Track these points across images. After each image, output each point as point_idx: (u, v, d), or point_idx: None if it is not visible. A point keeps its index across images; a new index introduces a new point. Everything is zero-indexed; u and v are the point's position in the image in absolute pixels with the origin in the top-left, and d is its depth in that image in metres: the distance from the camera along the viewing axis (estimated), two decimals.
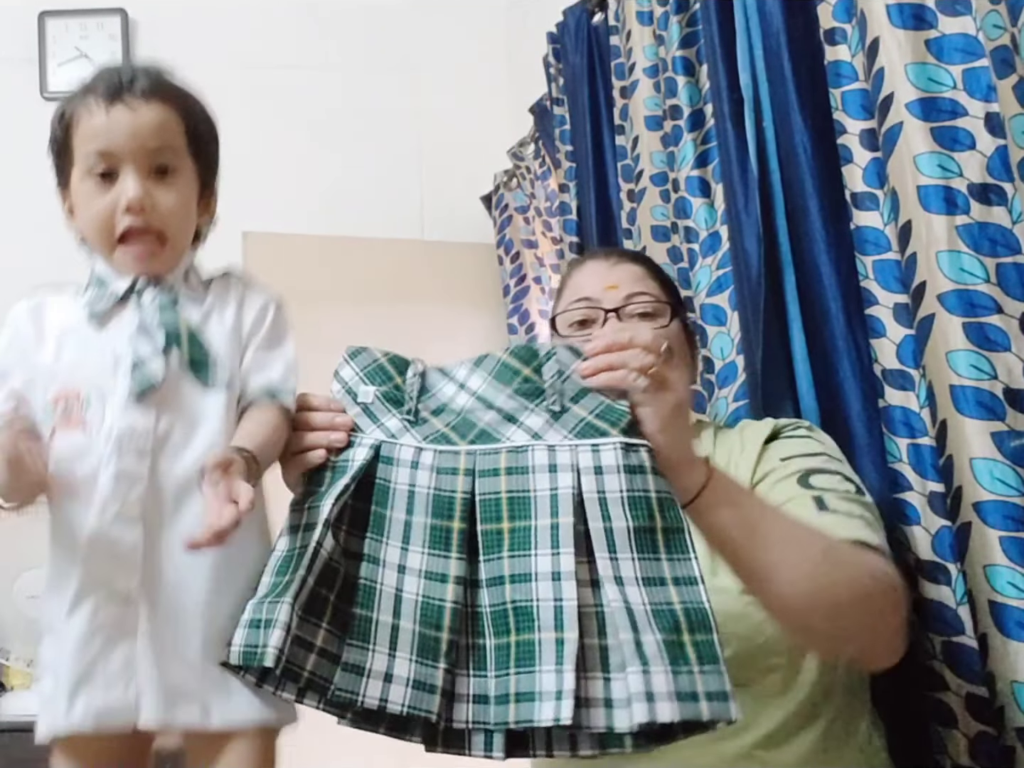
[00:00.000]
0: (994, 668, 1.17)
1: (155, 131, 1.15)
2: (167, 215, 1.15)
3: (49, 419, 1.11)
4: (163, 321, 1.13)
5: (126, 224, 1.14)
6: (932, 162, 1.24)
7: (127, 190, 1.13)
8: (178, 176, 1.17)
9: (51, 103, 3.26)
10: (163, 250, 1.15)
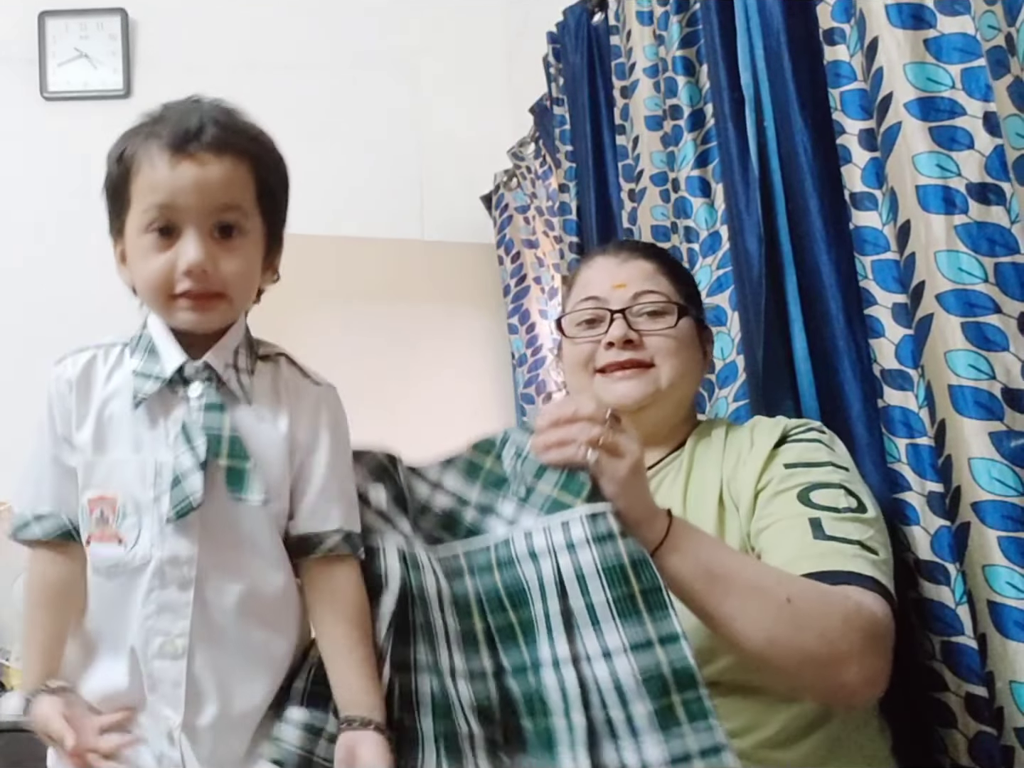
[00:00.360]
0: (993, 668, 1.17)
1: (223, 189, 1.04)
2: (229, 280, 1.06)
3: (85, 523, 1.06)
4: (206, 425, 1.05)
5: (185, 287, 1.05)
6: (931, 162, 1.24)
7: (187, 253, 1.04)
8: (244, 238, 1.07)
9: (51, 103, 3.29)
10: (222, 306, 1.07)
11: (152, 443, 1.05)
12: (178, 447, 1.04)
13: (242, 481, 1.04)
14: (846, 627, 1.12)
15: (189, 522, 1.02)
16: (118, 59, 3.31)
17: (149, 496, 1.04)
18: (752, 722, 1.21)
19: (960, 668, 1.26)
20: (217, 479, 1.03)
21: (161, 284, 1.05)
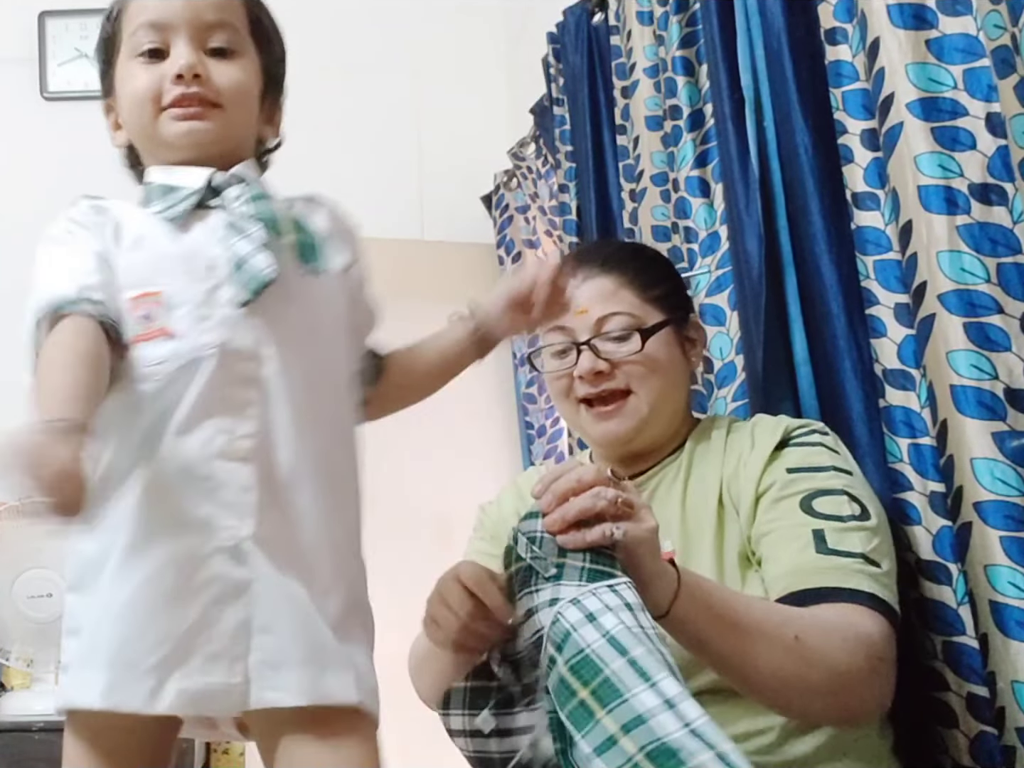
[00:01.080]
0: (995, 668, 1.17)
1: (215, 7, 1.01)
2: (224, 88, 1.00)
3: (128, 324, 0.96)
4: (259, 212, 0.98)
5: (175, 93, 0.99)
6: (933, 162, 1.24)
7: (178, 59, 0.99)
8: (239, 59, 1.02)
9: (51, 103, 3.28)
10: (217, 116, 1.00)
11: (199, 243, 0.98)
12: (229, 239, 0.97)
13: (315, 252, 1.00)
14: (851, 658, 1.13)
15: (255, 312, 0.96)
16: None
17: (202, 288, 0.96)
18: (751, 728, 1.22)
19: (961, 668, 1.26)
20: (283, 261, 0.97)
21: (149, 96, 1.00)
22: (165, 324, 0.95)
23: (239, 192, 0.99)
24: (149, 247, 0.99)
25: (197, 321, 0.95)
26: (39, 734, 2.63)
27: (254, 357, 0.95)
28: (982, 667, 1.20)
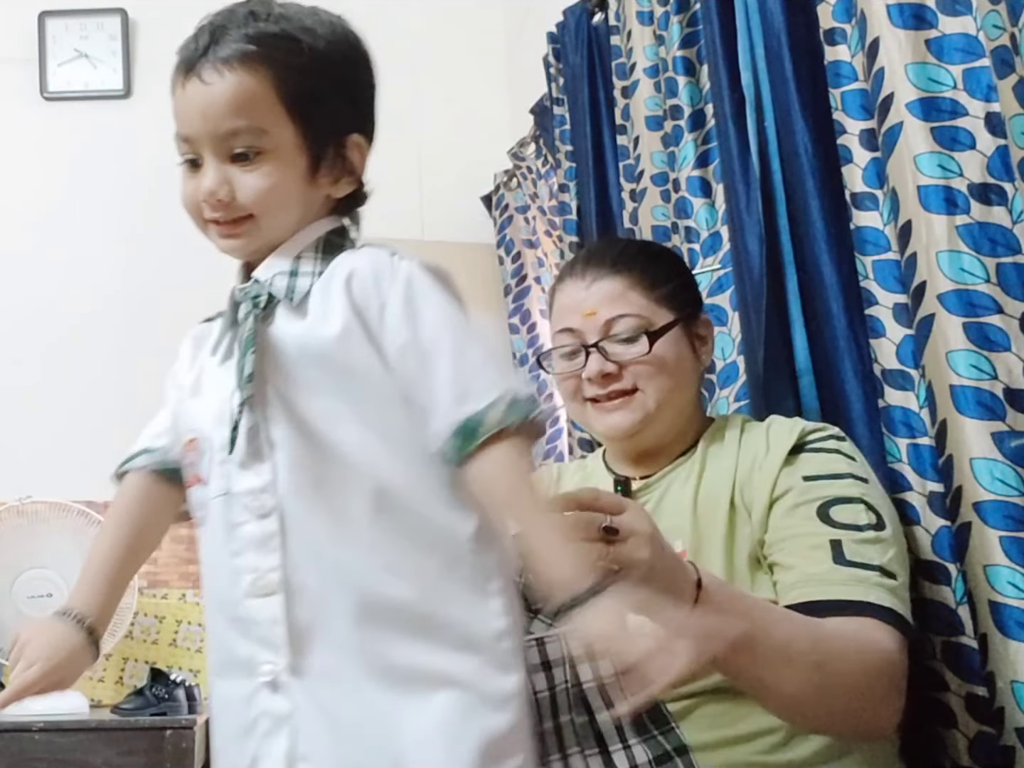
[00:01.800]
0: (994, 668, 1.17)
1: (230, 111, 0.96)
2: (252, 202, 0.98)
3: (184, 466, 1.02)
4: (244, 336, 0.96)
5: (207, 215, 1.00)
6: (932, 162, 1.24)
7: (203, 182, 0.98)
8: (267, 157, 0.97)
9: (51, 103, 3.28)
10: (250, 228, 0.99)
11: (225, 377, 0.97)
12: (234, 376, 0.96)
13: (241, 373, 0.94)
14: (870, 679, 1.15)
15: (258, 447, 0.94)
16: (118, 59, 3.31)
17: (224, 435, 0.95)
18: (757, 728, 1.22)
19: (961, 668, 1.26)
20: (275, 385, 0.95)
21: (193, 212, 1.01)
22: (198, 471, 0.99)
23: (246, 310, 0.98)
24: (200, 391, 1.03)
25: (217, 465, 0.97)
26: (39, 734, 2.63)
27: (267, 489, 0.94)
28: (981, 667, 1.21)
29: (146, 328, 3.04)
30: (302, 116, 0.98)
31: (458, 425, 0.89)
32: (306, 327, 0.95)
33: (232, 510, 0.95)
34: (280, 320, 0.97)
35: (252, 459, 0.94)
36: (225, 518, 0.96)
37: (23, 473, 2.87)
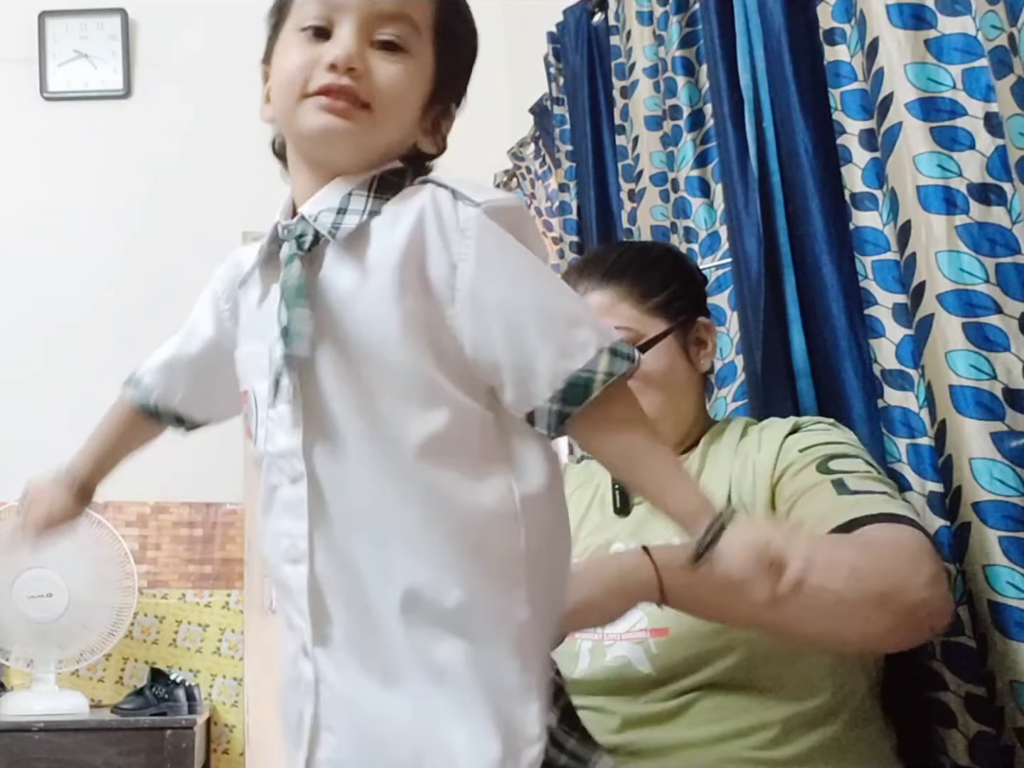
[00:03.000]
0: (994, 668, 1.17)
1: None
2: (382, 88, 0.89)
3: None
4: (283, 282, 0.88)
5: (323, 82, 0.89)
6: (931, 162, 1.24)
7: (336, 46, 0.89)
8: (409, 58, 0.91)
9: (51, 103, 3.29)
10: (362, 117, 0.89)
11: (266, 326, 0.91)
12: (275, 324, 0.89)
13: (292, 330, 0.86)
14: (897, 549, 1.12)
15: (295, 407, 0.88)
16: (118, 59, 3.32)
17: (266, 386, 0.91)
18: (755, 722, 1.22)
19: (960, 668, 1.26)
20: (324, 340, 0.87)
21: (296, 78, 0.91)
22: (250, 424, 0.95)
23: (290, 251, 0.90)
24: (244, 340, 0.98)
25: (261, 423, 0.93)
26: (39, 734, 2.64)
27: (295, 453, 0.89)
28: (981, 667, 1.21)
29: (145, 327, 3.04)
30: (442, 49, 0.95)
31: (567, 380, 0.84)
32: (358, 278, 0.87)
33: (270, 471, 0.92)
34: (329, 267, 0.89)
35: (288, 418, 0.89)
36: (266, 478, 0.93)
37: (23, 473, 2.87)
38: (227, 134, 3.24)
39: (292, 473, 0.89)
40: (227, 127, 3.24)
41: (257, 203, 3.16)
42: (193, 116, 3.27)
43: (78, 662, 2.90)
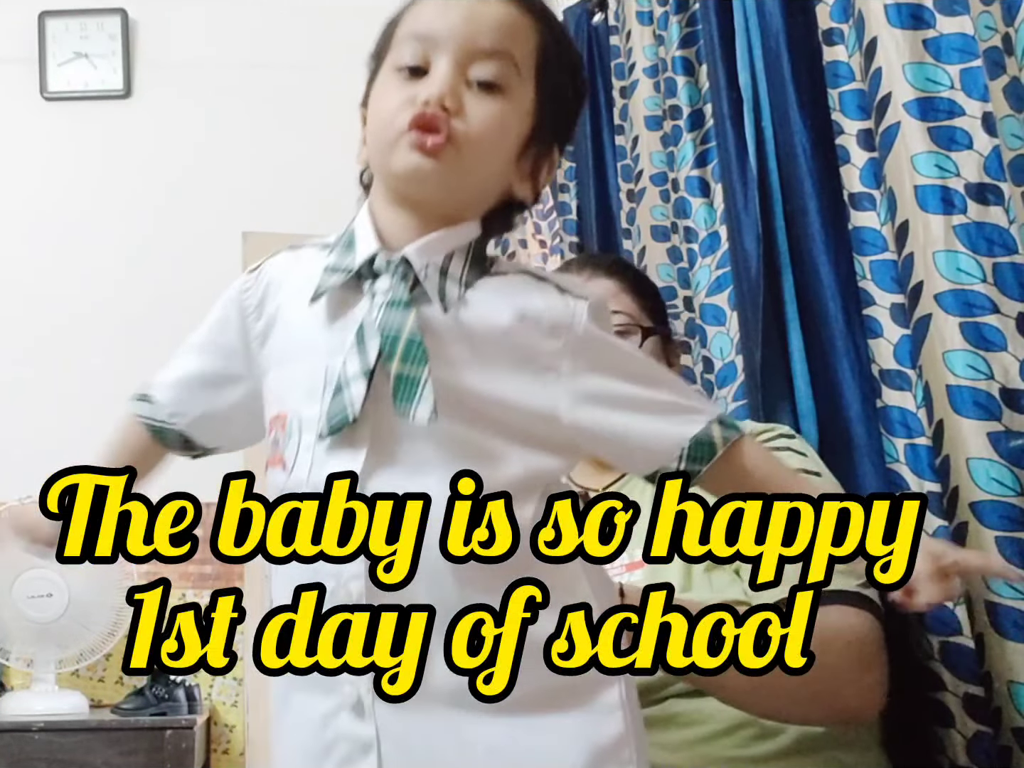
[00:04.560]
0: (991, 668, 1.17)
1: (497, 29, 0.87)
2: (474, 127, 0.86)
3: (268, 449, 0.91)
4: (383, 324, 0.85)
5: (414, 115, 0.86)
6: (929, 162, 1.24)
7: (432, 83, 0.86)
8: (507, 99, 0.88)
9: (51, 103, 3.29)
10: (449, 155, 0.86)
11: (328, 348, 0.88)
12: (349, 350, 0.86)
13: (412, 393, 0.83)
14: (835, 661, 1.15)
15: (354, 440, 0.84)
16: (118, 59, 3.31)
17: (315, 411, 0.86)
18: (733, 721, 1.22)
19: (958, 668, 1.26)
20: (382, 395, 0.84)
21: (390, 118, 0.88)
22: (282, 452, 0.89)
23: (386, 287, 0.87)
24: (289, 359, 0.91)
25: (301, 451, 0.87)
26: (39, 734, 2.64)
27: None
28: (978, 667, 1.21)
29: (147, 327, 3.04)
30: (543, 84, 0.91)
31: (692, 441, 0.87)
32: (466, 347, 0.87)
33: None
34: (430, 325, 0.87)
35: (345, 445, 0.85)
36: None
37: (23, 473, 2.88)
38: (227, 134, 3.24)
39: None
40: (227, 127, 3.25)
41: (257, 203, 3.18)
42: (193, 116, 3.27)
43: (78, 662, 2.90)
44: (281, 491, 0.88)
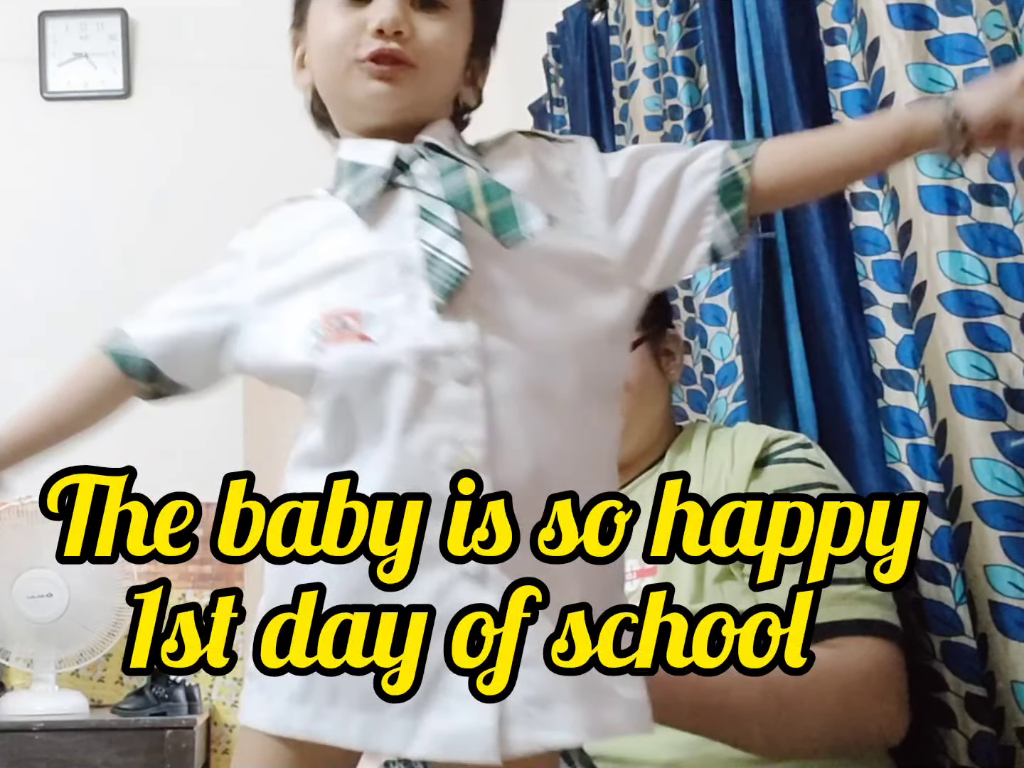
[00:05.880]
0: (994, 668, 1.17)
1: None
2: (427, 48, 0.90)
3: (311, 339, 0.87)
4: (447, 190, 0.87)
5: (372, 48, 0.89)
6: (933, 162, 1.23)
7: (381, 8, 0.88)
8: (450, 15, 0.92)
9: (51, 103, 3.29)
10: (411, 78, 0.90)
11: (384, 249, 0.88)
12: (421, 231, 0.86)
13: (513, 216, 0.85)
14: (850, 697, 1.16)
15: (459, 307, 0.84)
16: (118, 59, 3.32)
17: (400, 298, 0.86)
18: None
19: (960, 668, 1.26)
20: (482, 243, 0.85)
21: (342, 45, 0.90)
22: (363, 331, 0.86)
23: (428, 168, 0.89)
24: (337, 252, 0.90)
25: (396, 331, 0.86)
26: (39, 734, 2.64)
27: (468, 352, 0.84)
28: (981, 667, 1.20)
29: None
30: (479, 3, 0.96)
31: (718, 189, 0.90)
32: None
33: (427, 369, 0.84)
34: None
35: (450, 316, 0.84)
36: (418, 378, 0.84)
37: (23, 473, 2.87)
38: (227, 134, 3.24)
39: (463, 372, 0.83)
40: (227, 127, 3.25)
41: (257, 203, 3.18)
42: (193, 116, 3.27)
43: (78, 662, 2.90)
44: (359, 361, 0.85)
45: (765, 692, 1.14)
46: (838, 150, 0.92)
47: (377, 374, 0.84)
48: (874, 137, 0.91)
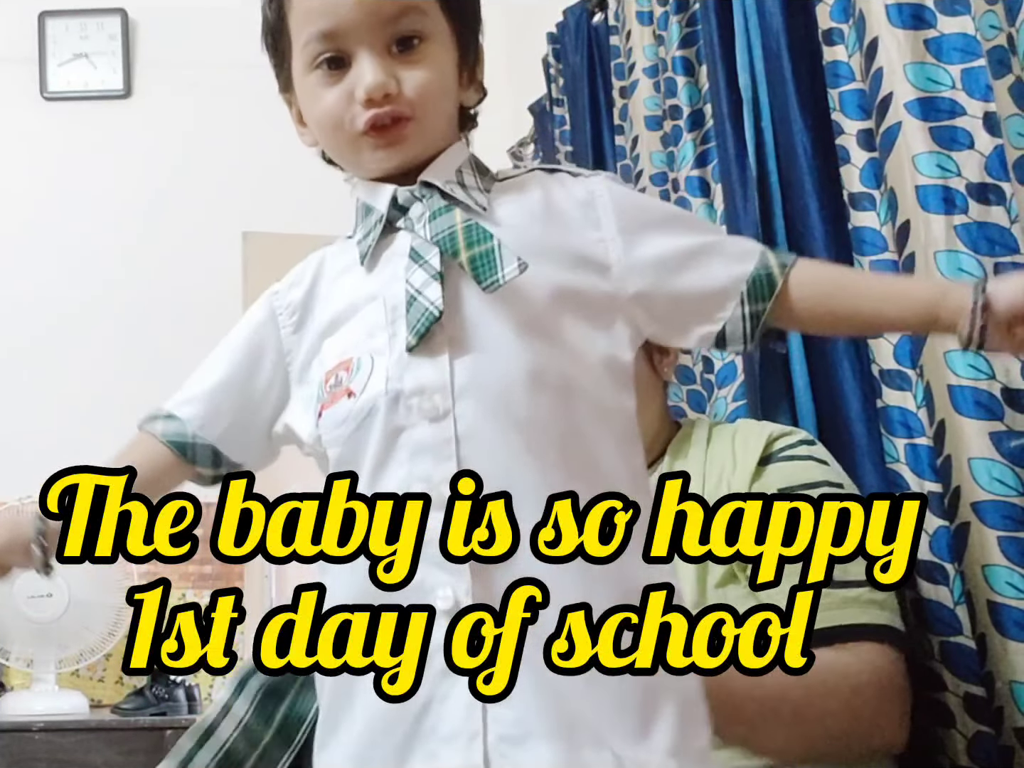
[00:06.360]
0: (993, 668, 1.17)
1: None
2: (419, 97, 0.90)
3: (316, 401, 0.91)
4: (435, 233, 0.88)
5: (367, 119, 0.89)
6: (931, 162, 1.24)
7: (364, 77, 0.89)
8: (429, 44, 0.92)
9: (51, 103, 3.29)
10: (412, 130, 0.91)
11: (378, 290, 0.90)
12: (409, 272, 0.87)
13: (492, 262, 0.84)
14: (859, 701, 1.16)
15: (435, 345, 0.85)
16: (118, 59, 3.32)
17: (384, 338, 0.88)
18: None
19: (959, 668, 1.26)
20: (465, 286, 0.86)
21: (338, 122, 0.91)
22: (349, 384, 0.88)
23: (422, 210, 0.90)
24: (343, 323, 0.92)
25: (374, 373, 0.87)
26: (39, 734, 2.63)
27: (440, 390, 0.85)
28: (979, 667, 1.21)
29: (146, 327, 3.05)
30: (452, 12, 0.95)
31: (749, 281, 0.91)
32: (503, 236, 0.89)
33: (397, 412, 0.85)
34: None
35: (424, 353, 0.86)
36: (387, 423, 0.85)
37: (23, 473, 2.88)
38: (227, 134, 3.24)
39: (433, 411, 0.84)
40: (227, 127, 3.25)
41: (257, 203, 3.18)
42: (193, 116, 3.27)
43: (78, 662, 2.90)
44: (344, 417, 0.88)
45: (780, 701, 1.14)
46: (871, 294, 0.92)
47: (358, 424, 0.87)
48: (907, 294, 0.91)
